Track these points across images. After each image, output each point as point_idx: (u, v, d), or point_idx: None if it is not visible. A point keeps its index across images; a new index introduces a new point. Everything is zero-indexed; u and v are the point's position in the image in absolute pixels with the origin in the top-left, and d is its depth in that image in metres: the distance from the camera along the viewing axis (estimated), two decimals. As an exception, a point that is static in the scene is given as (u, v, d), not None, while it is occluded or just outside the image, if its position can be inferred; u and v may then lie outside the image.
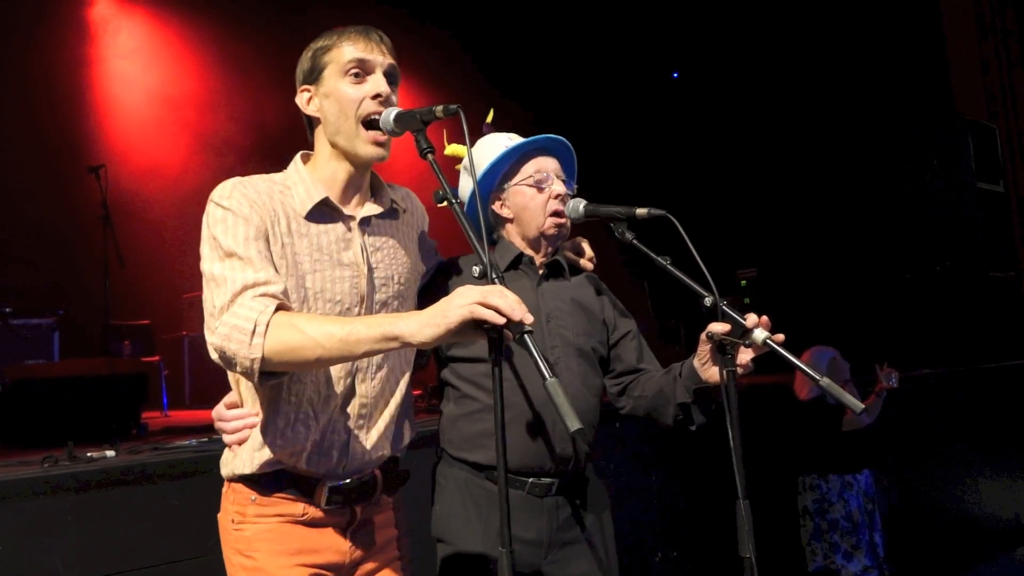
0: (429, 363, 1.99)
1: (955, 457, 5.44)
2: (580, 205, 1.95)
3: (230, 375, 1.67)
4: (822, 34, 8.04)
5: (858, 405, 1.58)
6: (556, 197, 1.96)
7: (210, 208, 1.57)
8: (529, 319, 1.31)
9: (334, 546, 1.65)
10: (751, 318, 1.69)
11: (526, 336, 1.29)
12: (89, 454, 2.65)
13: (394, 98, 1.65)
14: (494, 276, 1.36)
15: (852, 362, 4.37)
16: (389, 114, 1.59)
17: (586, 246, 2.17)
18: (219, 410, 1.67)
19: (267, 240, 1.56)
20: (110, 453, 2.68)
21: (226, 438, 1.65)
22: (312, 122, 1.69)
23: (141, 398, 4.27)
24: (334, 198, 1.66)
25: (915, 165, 7.11)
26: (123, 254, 5.41)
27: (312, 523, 1.63)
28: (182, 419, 5.28)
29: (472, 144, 1.51)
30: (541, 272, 2.01)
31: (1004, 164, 7.60)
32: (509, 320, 1.30)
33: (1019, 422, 6.05)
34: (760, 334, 1.67)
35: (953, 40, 8.19)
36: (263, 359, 1.42)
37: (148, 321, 6.65)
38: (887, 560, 3.99)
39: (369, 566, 1.71)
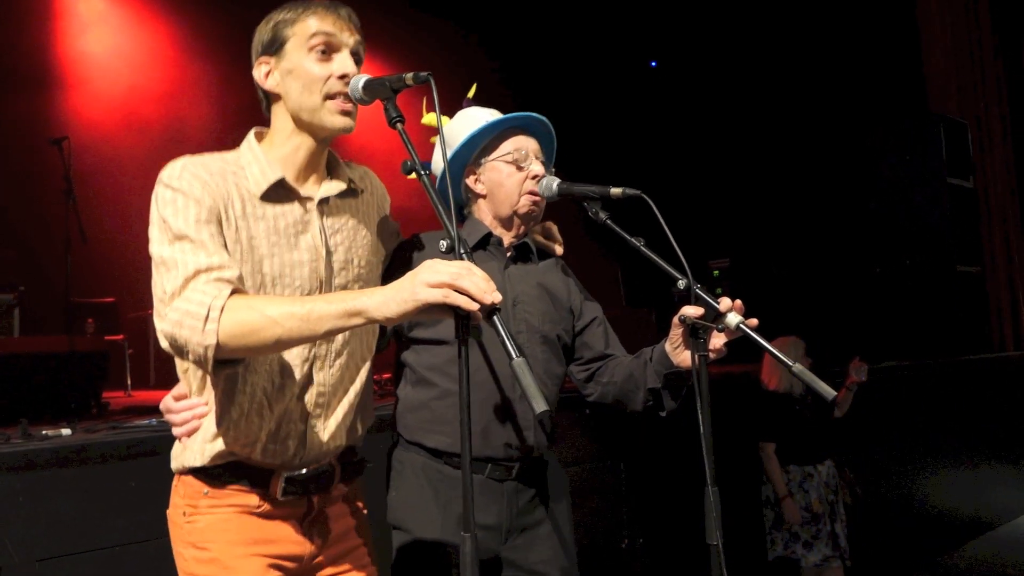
0: (389, 345, 1.94)
1: (918, 449, 5.51)
2: (554, 183, 1.91)
3: (178, 366, 1.60)
4: (798, 28, 8.08)
5: (830, 392, 1.56)
6: (533, 178, 1.91)
7: (159, 190, 1.48)
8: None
9: (291, 537, 1.59)
10: (724, 302, 1.67)
11: (495, 316, 1.25)
12: (44, 432, 2.58)
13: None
14: (462, 252, 1.32)
15: (822, 354, 4.38)
16: (358, 81, 1.52)
17: (555, 230, 2.13)
18: (167, 402, 1.60)
19: (220, 223, 1.48)
20: (66, 431, 2.61)
21: (175, 430, 1.58)
22: (270, 97, 1.60)
23: (101, 377, 4.19)
24: (291, 177, 1.58)
25: (887, 159, 7.18)
26: (86, 229, 5.27)
27: (267, 515, 1.57)
28: (145, 399, 5.19)
29: (441, 113, 1.46)
30: (509, 254, 1.96)
31: (974, 160, 7.69)
32: (481, 307, 1.26)
33: (982, 415, 6.15)
34: (733, 318, 1.65)
35: (927, 35, 8.26)
36: (218, 345, 1.34)
37: (113, 299, 6.51)
38: (849, 550, 4.02)
39: (329, 557, 1.66)
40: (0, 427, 2.81)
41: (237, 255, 1.49)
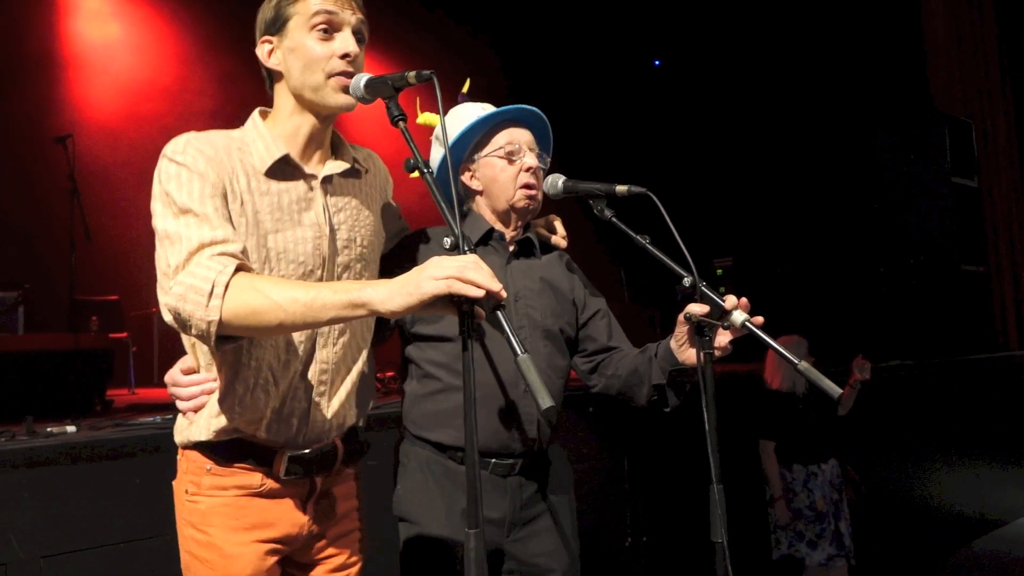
0: (392, 339, 1.94)
1: (923, 448, 5.50)
2: (559, 181, 1.91)
3: (184, 340, 1.60)
4: (802, 26, 8.06)
5: (836, 389, 1.56)
6: (528, 170, 1.91)
7: (162, 163, 1.48)
8: (503, 294, 1.27)
9: (292, 518, 1.60)
10: (730, 300, 1.67)
11: (499, 312, 1.25)
12: (49, 429, 2.59)
13: (361, 57, 1.58)
14: (466, 249, 1.32)
15: (825, 352, 4.37)
16: (360, 80, 1.53)
17: (558, 224, 2.12)
18: (174, 375, 1.59)
19: (224, 198, 1.48)
20: (71, 428, 2.62)
21: (181, 405, 1.58)
22: (273, 76, 1.62)
23: (106, 374, 4.20)
24: (295, 155, 1.59)
25: (891, 158, 7.16)
26: (91, 227, 5.28)
27: (270, 494, 1.58)
28: (149, 397, 5.22)
29: (445, 112, 1.46)
30: (511, 249, 1.96)
31: (979, 159, 7.67)
32: (487, 294, 1.26)
33: (987, 414, 6.14)
34: (739, 316, 1.65)
35: (931, 34, 8.24)
36: (221, 322, 1.35)
37: (116, 297, 6.53)
38: (854, 549, 4.02)
39: (328, 538, 1.67)
40: (5, 424, 2.82)
41: (242, 229, 1.50)
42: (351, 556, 1.71)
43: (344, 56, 1.54)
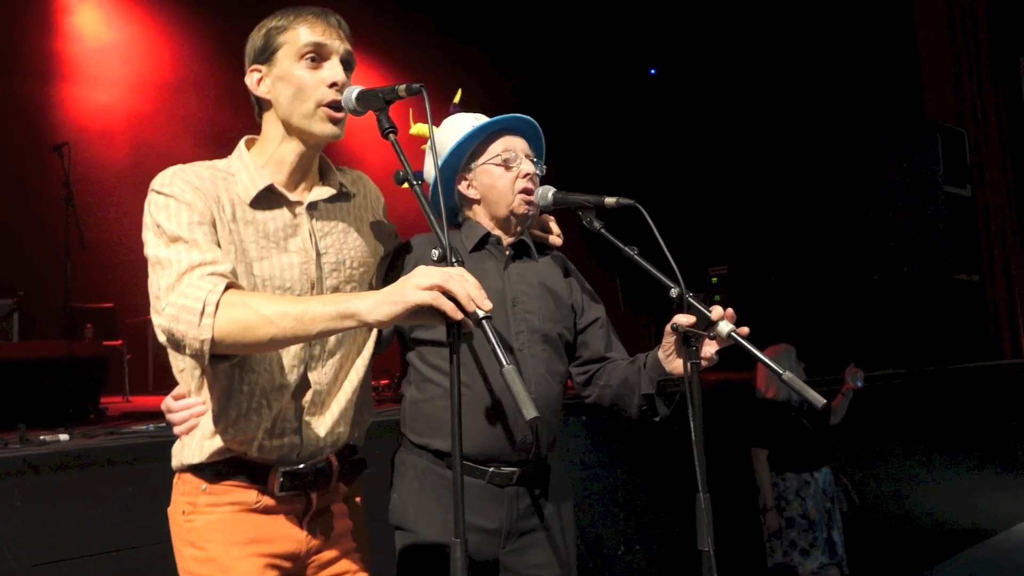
0: (392, 348, 1.95)
1: (916, 456, 5.51)
2: (549, 192, 1.93)
3: (174, 366, 1.63)
4: (796, 36, 8.11)
5: (819, 400, 1.57)
6: (524, 176, 1.93)
7: (151, 197, 1.52)
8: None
9: (289, 535, 1.61)
10: (716, 310, 1.68)
11: (484, 323, 1.27)
12: (42, 437, 2.60)
13: (349, 84, 1.60)
14: (453, 260, 1.33)
15: (819, 360, 4.39)
16: (351, 92, 1.55)
17: (553, 224, 2.14)
18: (167, 402, 1.63)
19: (212, 226, 1.52)
20: (64, 437, 2.63)
21: (175, 429, 1.61)
22: (261, 103, 1.64)
23: (100, 382, 4.21)
24: (280, 183, 1.61)
25: (885, 167, 7.20)
26: (86, 235, 5.29)
27: (266, 511, 1.59)
28: (144, 405, 5.20)
29: (435, 124, 1.48)
30: (508, 253, 1.98)
31: (971, 168, 7.71)
32: (466, 310, 1.27)
33: (979, 423, 6.16)
34: (725, 327, 1.66)
35: (925, 44, 8.30)
36: (213, 340, 1.37)
37: (111, 304, 6.53)
38: (846, 558, 4.03)
39: (326, 556, 1.67)
40: (-2, 432, 2.82)
41: (229, 257, 1.52)
42: (355, 574, 1.70)
43: (333, 85, 1.56)
